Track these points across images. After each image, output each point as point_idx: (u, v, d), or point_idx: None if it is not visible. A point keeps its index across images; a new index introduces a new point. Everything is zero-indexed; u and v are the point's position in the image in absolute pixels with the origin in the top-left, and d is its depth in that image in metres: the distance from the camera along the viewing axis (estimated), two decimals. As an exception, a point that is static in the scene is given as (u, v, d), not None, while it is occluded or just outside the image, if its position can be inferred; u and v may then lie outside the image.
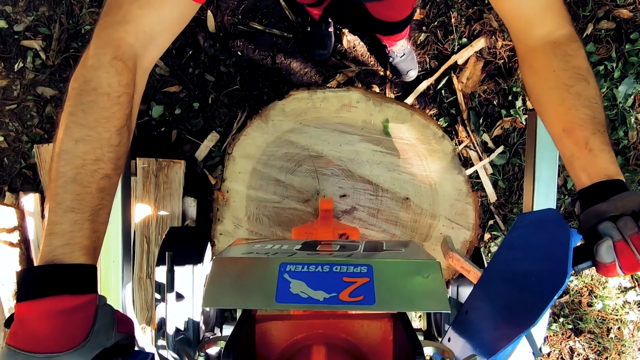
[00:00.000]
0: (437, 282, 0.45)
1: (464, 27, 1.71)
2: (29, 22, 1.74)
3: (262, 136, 0.85)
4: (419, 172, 0.83)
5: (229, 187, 0.86)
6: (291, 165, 0.85)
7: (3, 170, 1.76)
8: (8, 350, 0.46)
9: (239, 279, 0.46)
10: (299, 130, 0.83)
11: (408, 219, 0.84)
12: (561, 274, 0.46)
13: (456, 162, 0.83)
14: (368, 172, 0.83)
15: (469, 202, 0.83)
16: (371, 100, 0.82)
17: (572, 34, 0.66)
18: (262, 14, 1.73)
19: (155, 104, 1.72)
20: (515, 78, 1.71)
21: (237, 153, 0.86)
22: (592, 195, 0.57)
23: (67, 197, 0.52)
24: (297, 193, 0.85)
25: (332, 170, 0.83)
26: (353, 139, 0.83)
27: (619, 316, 1.79)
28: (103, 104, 0.55)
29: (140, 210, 1.54)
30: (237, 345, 0.42)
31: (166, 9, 0.60)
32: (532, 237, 0.54)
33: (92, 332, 0.49)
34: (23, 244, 1.57)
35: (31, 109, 1.75)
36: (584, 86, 0.62)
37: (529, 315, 0.47)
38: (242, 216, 0.86)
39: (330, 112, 0.83)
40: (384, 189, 0.83)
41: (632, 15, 1.67)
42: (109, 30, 0.58)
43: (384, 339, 0.51)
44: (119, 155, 0.56)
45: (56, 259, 0.50)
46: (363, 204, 0.84)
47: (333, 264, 0.47)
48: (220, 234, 0.86)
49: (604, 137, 0.59)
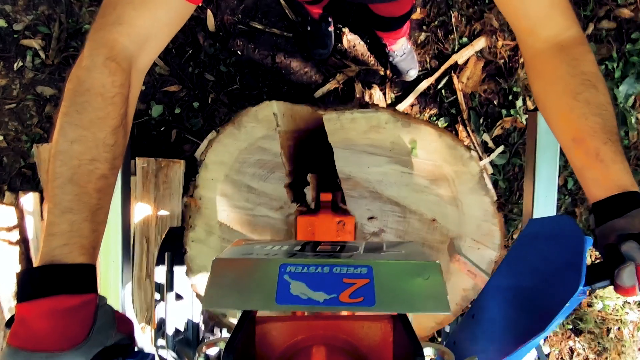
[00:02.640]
0: (438, 284, 0.45)
1: (464, 27, 1.71)
2: (28, 21, 1.74)
3: (234, 143, 0.85)
4: (446, 194, 0.83)
5: (201, 194, 0.86)
6: (264, 172, 0.85)
7: (2, 169, 1.76)
8: (9, 349, 0.46)
9: (239, 280, 0.46)
10: (271, 137, 0.83)
11: (435, 240, 0.84)
12: (574, 282, 0.44)
13: (483, 183, 0.82)
14: (396, 193, 0.83)
15: (495, 222, 0.83)
16: (400, 121, 0.81)
17: (579, 36, 0.64)
18: (262, 13, 1.73)
19: (154, 103, 1.72)
20: (516, 78, 1.70)
21: (210, 160, 0.86)
22: (606, 209, 0.55)
23: (65, 197, 0.52)
24: (270, 200, 0.85)
25: (360, 192, 0.83)
26: (381, 161, 0.83)
27: (619, 316, 1.79)
28: (97, 104, 0.55)
29: (140, 210, 1.54)
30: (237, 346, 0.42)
31: (161, 11, 0.59)
32: (544, 243, 0.52)
33: (93, 331, 0.49)
34: (22, 243, 1.57)
35: (30, 108, 1.75)
36: (593, 93, 0.60)
37: (539, 323, 0.46)
38: (214, 223, 0.86)
39: (359, 133, 0.82)
40: (412, 210, 0.83)
41: (633, 15, 1.67)
42: (103, 32, 0.58)
43: (384, 340, 0.51)
44: (115, 155, 0.57)
45: (55, 259, 0.50)
46: (391, 225, 0.84)
47: (333, 265, 0.47)
48: (192, 240, 0.86)
49: (616, 146, 0.57)
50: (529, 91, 1.71)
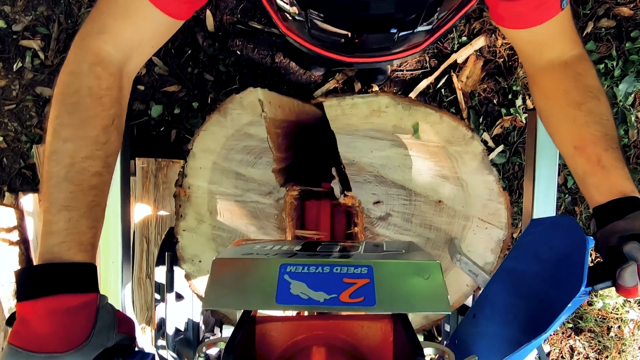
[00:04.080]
0: (438, 283, 0.44)
1: (463, 26, 1.71)
2: (27, 22, 1.74)
3: (221, 130, 0.85)
4: (451, 174, 0.83)
5: (190, 183, 0.86)
6: (251, 158, 0.85)
7: (2, 170, 1.76)
8: (10, 349, 0.46)
9: (239, 280, 0.46)
10: (257, 122, 0.83)
11: (442, 221, 0.84)
12: (577, 283, 0.44)
13: (486, 162, 0.83)
14: (400, 176, 0.83)
15: (501, 201, 0.83)
16: (400, 104, 0.81)
17: (582, 54, 0.65)
18: (261, 13, 1.72)
19: (154, 103, 1.72)
20: (515, 77, 1.70)
21: (197, 148, 0.86)
22: (607, 213, 0.56)
23: (60, 195, 0.53)
24: (259, 186, 0.85)
25: (364, 177, 0.83)
26: (384, 145, 0.83)
27: (620, 315, 1.79)
28: (86, 105, 0.56)
29: (140, 210, 1.54)
30: (237, 346, 0.42)
31: (143, 23, 0.60)
32: (546, 243, 0.53)
33: (94, 332, 0.49)
34: (22, 244, 1.57)
35: (30, 109, 1.75)
36: (595, 103, 0.62)
37: (541, 323, 0.46)
38: (204, 211, 0.86)
39: (360, 118, 0.83)
40: (417, 193, 0.83)
41: (632, 14, 1.67)
42: (88, 40, 0.59)
43: (384, 340, 0.51)
44: (107, 153, 0.57)
45: (54, 257, 0.50)
46: (397, 209, 0.84)
47: (333, 264, 0.47)
48: (184, 230, 0.86)
49: (617, 153, 0.58)
50: (529, 90, 1.71)
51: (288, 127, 0.85)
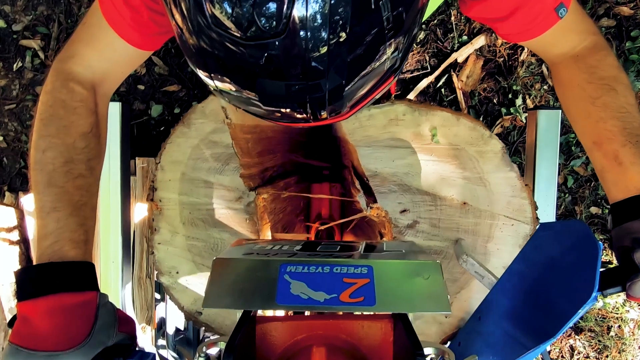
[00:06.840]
0: (438, 283, 0.44)
1: (463, 25, 1.71)
2: (27, 21, 1.74)
3: (186, 141, 0.86)
4: (473, 175, 0.83)
5: (161, 196, 0.87)
6: (219, 165, 0.86)
7: (2, 170, 1.76)
8: (11, 347, 0.47)
9: (239, 280, 0.46)
10: (221, 129, 0.83)
11: (469, 223, 0.85)
12: (588, 289, 0.44)
13: (506, 159, 0.83)
14: (424, 183, 0.84)
15: (524, 196, 0.84)
16: (417, 110, 0.81)
17: (596, 43, 0.64)
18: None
19: (154, 103, 1.72)
20: (515, 76, 1.70)
21: (165, 161, 0.87)
22: (624, 210, 0.55)
23: (47, 199, 0.55)
24: (228, 192, 0.86)
25: (388, 187, 0.84)
26: (404, 153, 0.83)
27: (620, 314, 1.79)
28: (60, 116, 0.60)
29: (140, 210, 1.54)
30: (237, 346, 0.42)
31: (108, 51, 0.63)
32: (555, 248, 0.52)
33: (94, 331, 0.49)
34: (23, 243, 1.57)
35: (30, 108, 1.75)
36: (612, 96, 0.60)
37: (547, 327, 0.46)
38: (177, 223, 0.87)
39: (378, 128, 0.83)
40: (442, 197, 0.84)
41: (632, 13, 1.67)
42: (62, 63, 0.63)
43: (384, 340, 0.51)
44: (89, 157, 0.60)
45: (50, 258, 0.51)
46: (424, 215, 0.84)
47: (333, 264, 0.47)
48: (159, 243, 0.87)
49: (636, 148, 0.57)
50: (529, 89, 1.71)
51: (263, 132, 0.84)
